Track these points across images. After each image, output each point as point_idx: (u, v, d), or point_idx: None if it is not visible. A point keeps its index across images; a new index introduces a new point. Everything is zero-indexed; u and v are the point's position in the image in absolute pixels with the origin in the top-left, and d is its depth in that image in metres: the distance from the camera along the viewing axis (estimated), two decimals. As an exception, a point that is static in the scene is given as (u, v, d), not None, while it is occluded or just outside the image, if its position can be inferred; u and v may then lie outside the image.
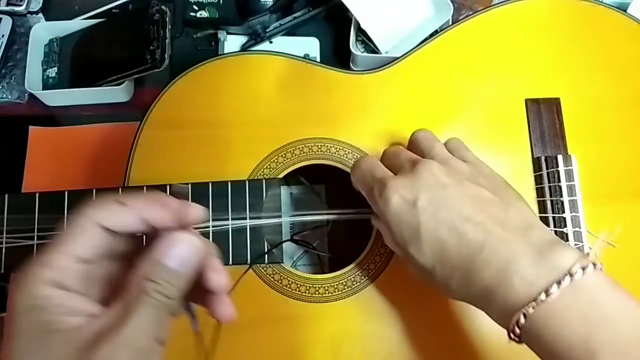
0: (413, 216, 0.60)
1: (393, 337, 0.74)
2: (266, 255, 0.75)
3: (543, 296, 0.52)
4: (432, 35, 0.91)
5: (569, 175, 0.77)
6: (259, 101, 0.80)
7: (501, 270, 0.55)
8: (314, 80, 0.81)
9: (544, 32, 0.84)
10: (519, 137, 0.79)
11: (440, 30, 0.86)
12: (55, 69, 0.96)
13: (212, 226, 0.74)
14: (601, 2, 0.86)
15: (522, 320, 0.53)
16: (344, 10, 0.93)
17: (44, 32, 0.97)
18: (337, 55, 0.99)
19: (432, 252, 0.59)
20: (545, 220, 0.76)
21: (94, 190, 0.75)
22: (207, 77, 0.81)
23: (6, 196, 0.75)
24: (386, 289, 0.75)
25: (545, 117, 0.80)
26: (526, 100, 0.81)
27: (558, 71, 0.82)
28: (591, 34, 0.83)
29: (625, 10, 0.85)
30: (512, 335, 0.55)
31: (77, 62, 0.95)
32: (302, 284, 0.75)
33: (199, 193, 0.75)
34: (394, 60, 0.83)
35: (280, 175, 0.78)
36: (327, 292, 0.75)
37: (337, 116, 0.80)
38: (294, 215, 0.83)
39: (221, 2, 0.96)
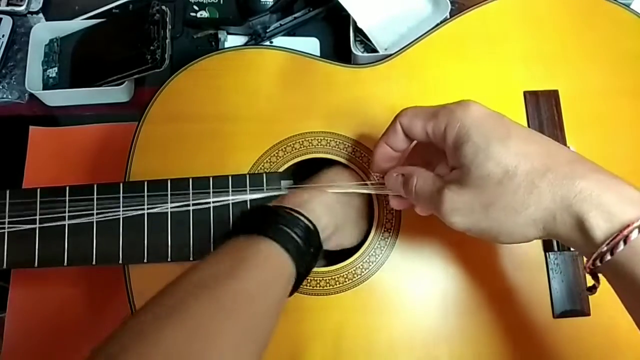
0: (500, 119, 0.58)
1: (394, 328, 0.74)
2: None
3: None
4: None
5: (568, 167, 0.77)
6: (259, 95, 0.81)
7: (615, 178, 0.54)
8: (313, 74, 0.82)
9: (542, 24, 0.84)
10: (517, 129, 0.80)
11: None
12: (56, 69, 0.96)
13: (213, 219, 0.75)
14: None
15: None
16: (343, 10, 0.93)
17: (44, 32, 0.97)
18: (337, 55, 0.99)
19: (522, 148, 0.56)
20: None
21: (95, 185, 0.75)
22: (206, 71, 0.81)
23: (7, 192, 0.75)
24: (387, 282, 0.76)
25: (543, 109, 0.80)
26: (525, 93, 0.81)
27: (556, 63, 0.83)
28: (589, 26, 0.84)
29: (629, 5, 0.86)
30: (603, 257, 0.52)
31: (78, 62, 0.96)
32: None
33: (199, 188, 0.75)
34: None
35: (281, 169, 0.78)
36: (328, 284, 0.75)
37: (336, 110, 0.80)
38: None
39: (221, 2, 0.96)
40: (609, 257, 0.51)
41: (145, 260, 0.74)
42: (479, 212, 0.57)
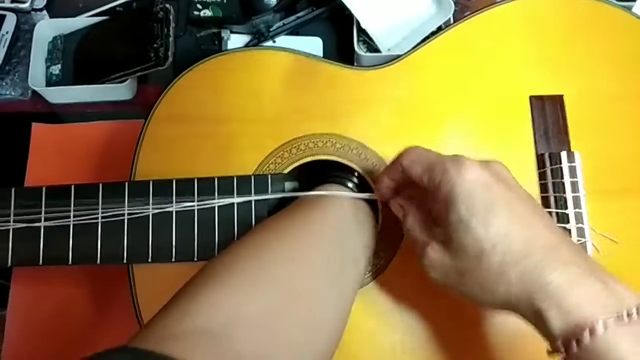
0: (490, 190, 0.58)
1: (397, 331, 0.74)
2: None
3: (634, 312, 0.50)
4: (433, 32, 0.92)
5: (573, 172, 0.77)
6: (264, 97, 0.81)
7: (591, 272, 0.54)
8: (319, 75, 0.82)
9: (547, 29, 0.84)
10: (522, 133, 0.80)
11: (443, 27, 0.87)
12: (59, 66, 0.96)
13: (218, 220, 0.75)
14: (605, -1, 0.87)
15: (600, 329, 0.49)
16: (347, 9, 0.93)
17: (48, 29, 0.97)
18: (340, 55, 0.99)
19: (502, 228, 0.56)
20: (548, 216, 0.77)
21: (100, 185, 0.75)
22: (212, 72, 0.81)
23: (13, 190, 0.75)
24: (389, 287, 0.76)
25: (549, 113, 0.80)
26: (530, 97, 0.81)
27: (562, 68, 0.83)
28: (595, 31, 0.84)
29: (630, 9, 0.86)
30: (564, 347, 0.51)
31: (81, 60, 0.96)
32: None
33: (205, 188, 0.75)
34: (398, 57, 0.84)
35: (286, 171, 0.78)
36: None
37: (342, 112, 0.80)
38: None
39: (225, 1, 0.96)
40: (563, 352, 0.52)
41: (149, 260, 0.74)
42: (454, 276, 0.59)
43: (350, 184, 0.78)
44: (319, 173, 0.80)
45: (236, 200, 0.75)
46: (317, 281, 0.61)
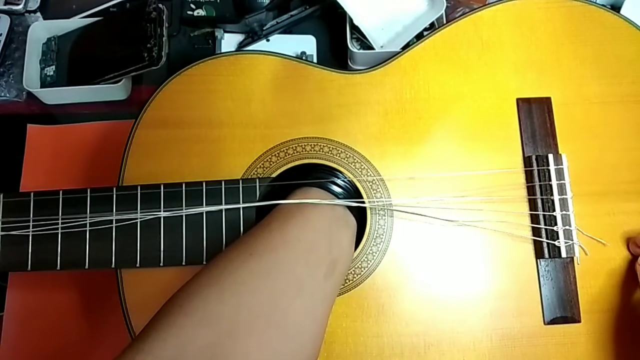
0: None
1: (384, 333, 0.75)
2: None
3: None
4: (426, 29, 0.92)
5: (560, 174, 0.77)
6: (253, 101, 0.81)
7: None
8: (307, 80, 0.82)
9: (535, 31, 0.84)
10: (510, 136, 0.80)
11: (436, 24, 0.88)
12: (53, 67, 0.96)
13: (205, 224, 0.75)
14: (594, 2, 0.86)
15: None
16: (339, 7, 0.93)
17: (42, 30, 0.97)
18: (334, 52, 0.99)
19: None
20: (535, 219, 0.77)
21: (89, 190, 0.76)
22: (200, 76, 0.81)
23: (1, 196, 0.76)
24: (378, 288, 0.76)
25: (536, 116, 0.80)
26: (517, 100, 0.81)
27: (549, 70, 0.82)
28: (583, 34, 0.83)
29: (618, 10, 0.85)
30: None
31: (75, 61, 0.96)
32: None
33: (193, 192, 0.75)
34: (391, 56, 0.83)
35: (274, 175, 0.78)
36: (319, 290, 0.75)
37: (330, 116, 0.80)
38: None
39: (218, 0, 0.96)
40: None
41: (137, 265, 0.74)
42: None
43: (333, 187, 0.78)
44: (306, 177, 0.80)
45: (224, 207, 0.75)
46: (280, 296, 0.60)
